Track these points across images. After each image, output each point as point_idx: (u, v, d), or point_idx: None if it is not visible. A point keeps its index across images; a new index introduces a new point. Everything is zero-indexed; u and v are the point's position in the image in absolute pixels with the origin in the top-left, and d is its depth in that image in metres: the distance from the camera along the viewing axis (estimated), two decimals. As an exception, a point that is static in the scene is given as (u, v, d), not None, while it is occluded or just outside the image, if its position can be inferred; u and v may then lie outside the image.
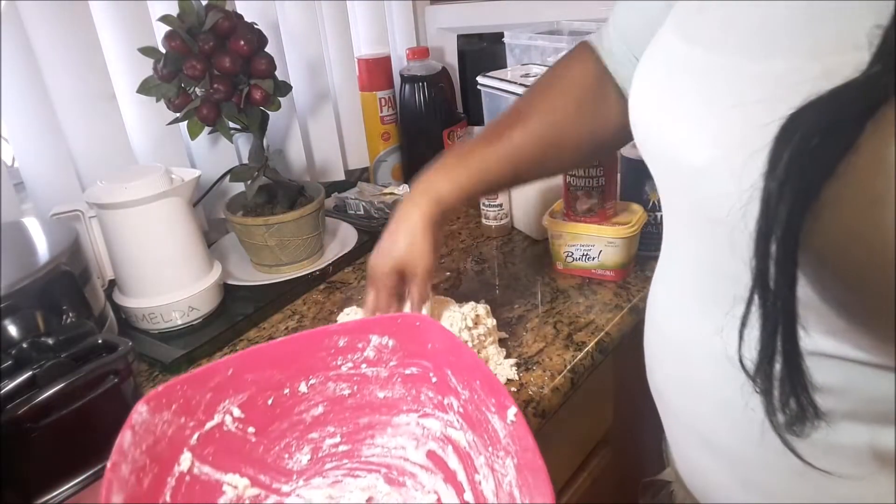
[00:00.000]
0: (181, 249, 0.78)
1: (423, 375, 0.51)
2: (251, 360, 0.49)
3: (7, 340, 0.54)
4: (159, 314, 0.77)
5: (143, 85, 0.79)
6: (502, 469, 0.43)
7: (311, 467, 0.52)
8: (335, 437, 0.52)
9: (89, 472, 0.53)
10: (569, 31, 1.15)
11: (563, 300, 0.81)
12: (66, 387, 0.51)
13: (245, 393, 0.49)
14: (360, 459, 0.52)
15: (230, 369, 0.48)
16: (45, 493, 0.52)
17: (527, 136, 0.62)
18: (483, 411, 0.45)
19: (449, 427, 0.50)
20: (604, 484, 0.89)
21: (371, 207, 1.06)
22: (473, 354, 0.48)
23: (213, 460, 0.47)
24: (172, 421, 0.46)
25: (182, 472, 0.45)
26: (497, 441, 0.44)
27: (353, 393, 0.52)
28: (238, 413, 0.49)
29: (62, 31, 0.81)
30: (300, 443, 0.52)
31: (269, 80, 0.82)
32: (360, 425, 0.53)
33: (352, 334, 0.51)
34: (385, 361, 0.52)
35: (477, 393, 0.46)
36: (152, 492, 0.43)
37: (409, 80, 1.18)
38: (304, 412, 0.52)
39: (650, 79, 0.45)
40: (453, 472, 0.49)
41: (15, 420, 0.49)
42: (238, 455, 0.49)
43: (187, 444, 0.46)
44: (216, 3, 0.79)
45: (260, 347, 0.50)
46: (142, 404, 0.44)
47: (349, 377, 0.52)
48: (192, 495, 0.46)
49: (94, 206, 0.75)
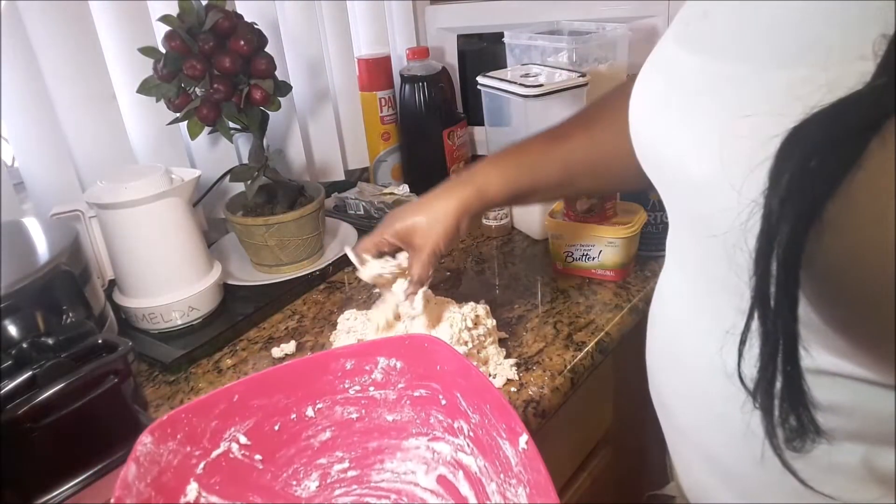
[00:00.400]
0: (181, 249, 0.78)
1: (433, 398, 0.50)
2: (256, 386, 0.49)
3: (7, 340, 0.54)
4: (159, 314, 0.77)
5: (143, 85, 0.79)
6: (514, 497, 0.42)
7: (320, 493, 0.51)
8: (344, 463, 0.51)
9: (89, 472, 0.53)
10: (569, 31, 1.15)
11: (563, 300, 0.81)
12: (66, 387, 0.51)
13: (251, 419, 0.48)
14: (370, 485, 0.51)
15: (235, 395, 0.47)
16: (45, 493, 0.52)
17: (586, 142, 0.60)
18: (494, 437, 0.44)
19: (459, 451, 0.49)
20: (604, 484, 0.89)
21: (371, 207, 1.06)
22: (483, 377, 0.46)
23: (220, 489, 0.47)
24: (178, 450, 0.45)
25: (188, 503, 0.45)
26: (509, 468, 0.42)
27: (362, 417, 0.51)
28: (244, 440, 0.48)
29: (62, 31, 0.80)
30: (308, 469, 0.51)
31: (269, 80, 0.82)
32: (369, 450, 0.52)
33: (359, 357, 0.50)
34: (393, 384, 0.51)
35: (487, 417, 0.45)
36: None
37: (409, 80, 1.18)
38: (312, 437, 0.51)
39: (652, 88, 0.44)
40: (464, 497, 0.48)
41: (15, 420, 0.49)
42: (245, 483, 0.48)
43: (193, 474, 0.45)
44: (216, 3, 0.79)
45: (266, 373, 0.49)
46: (146, 435, 0.43)
47: (357, 400, 0.51)
48: None
49: (94, 206, 0.75)
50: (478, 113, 1.16)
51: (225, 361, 0.74)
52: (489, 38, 1.26)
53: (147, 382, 0.72)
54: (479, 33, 1.28)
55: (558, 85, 0.92)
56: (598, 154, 0.60)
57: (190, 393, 0.69)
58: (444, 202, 0.61)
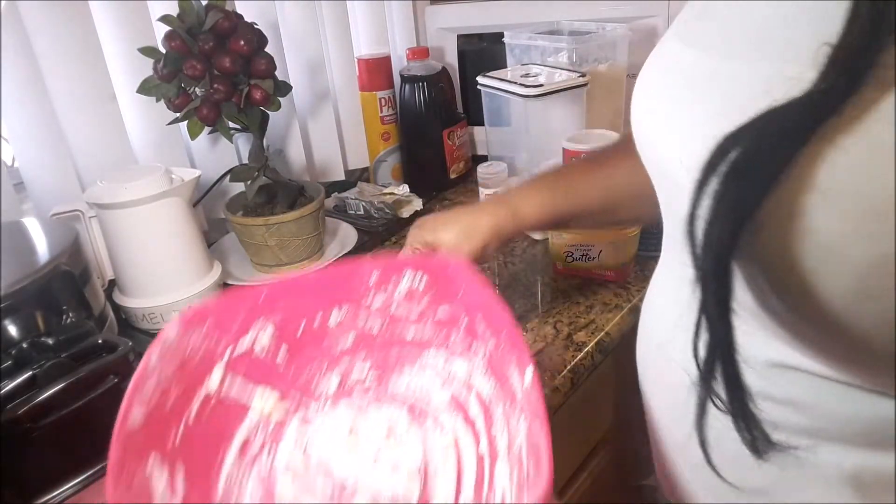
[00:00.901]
0: (181, 249, 0.78)
1: (453, 318, 0.50)
2: (283, 289, 0.50)
3: (7, 340, 0.54)
4: (159, 314, 0.77)
5: (143, 85, 0.79)
6: (516, 428, 0.42)
7: (338, 395, 0.52)
8: (363, 371, 0.52)
9: (89, 472, 0.53)
10: (569, 31, 1.15)
11: (563, 300, 0.81)
12: (66, 387, 0.51)
13: (276, 317, 0.49)
14: (386, 393, 0.52)
15: (263, 294, 0.49)
16: (45, 493, 0.51)
17: (628, 169, 0.55)
18: (505, 365, 0.44)
19: (474, 373, 0.49)
20: (604, 484, 0.89)
21: (371, 207, 1.06)
22: (503, 304, 0.46)
23: (244, 378, 0.48)
24: (205, 338, 0.46)
25: (209, 394, 0.45)
26: (514, 398, 0.43)
27: (383, 330, 0.52)
28: (268, 338, 0.49)
29: (62, 31, 0.80)
30: (328, 372, 0.52)
31: (269, 80, 0.82)
32: (389, 361, 0.52)
33: (385, 270, 0.51)
34: (417, 300, 0.51)
35: (502, 344, 0.45)
36: (175, 412, 0.43)
37: (409, 80, 1.18)
38: (334, 344, 0.52)
39: (650, 82, 0.43)
40: (473, 419, 0.48)
41: (15, 420, 0.49)
42: (267, 379, 0.49)
43: (218, 362, 0.46)
44: (216, 3, 0.78)
45: (295, 278, 0.51)
46: (173, 323, 0.44)
47: (380, 313, 0.52)
48: (215, 417, 0.45)
49: (94, 206, 0.75)
50: (478, 113, 1.16)
51: (225, 361, 0.74)
52: (489, 38, 1.26)
53: (147, 382, 0.72)
54: (479, 33, 1.28)
55: (558, 85, 0.92)
56: (640, 181, 0.55)
57: (190, 393, 0.69)
58: (476, 219, 0.58)
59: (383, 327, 0.52)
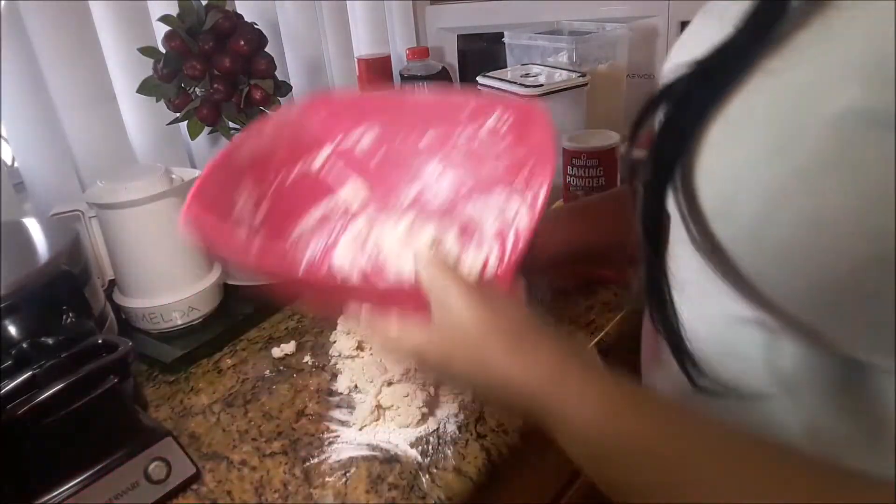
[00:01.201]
0: (181, 249, 0.78)
1: (522, 162, 0.53)
2: (392, 102, 0.57)
3: (7, 340, 0.54)
4: (159, 314, 0.77)
5: (143, 85, 0.79)
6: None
7: (411, 205, 0.58)
8: (437, 192, 0.58)
9: (89, 472, 0.53)
10: (569, 31, 1.15)
11: (563, 300, 0.81)
12: (66, 387, 0.51)
13: (381, 124, 0.55)
14: (450, 213, 0.57)
15: (374, 101, 0.56)
16: (45, 493, 0.51)
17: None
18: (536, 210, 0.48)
19: (520, 214, 0.53)
20: (604, 484, 0.89)
21: (371, 207, 1.06)
22: (555, 159, 0.50)
23: (345, 165, 0.54)
24: (321, 123, 0.52)
25: (311, 169, 0.53)
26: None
27: (463, 160, 0.57)
28: (370, 141, 0.55)
29: (62, 31, 0.80)
30: (409, 184, 0.58)
31: (269, 80, 0.82)
32: (461, 192, 0.57)
33: (479, 106, 0.55)
34: (498, 141, 0.55)
35: (539, 199, 0.48)
36: (277, 171, 0.50)
37: (409, 80, 1.18)
38: (420, 162, 0.57)
39: (694, 37, 0.42)
40: (504, 248, 0.52)
41: (15, 420, 0.49)
42: (361, 173, 0.56)
43: (327, 144, 0.53)
44: (216, 3, 0.79)
45: (403, 96, 0.58)
46: (293, 105, 0.51)
47: (463, 147, 0.56)
48: (307, 189, 0.53)
49: (94, 206, 0.75)
50: (478, 113, 1.16)
51: (225, 361, 0.74)
52: (489, 38, 1.26)
53: (147, 382, 0.72)
54: (479, 33, 1.28)
55: (558, 85, 0.92)
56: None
57: (190, 393, 0.69)
58: None
59: (465, 157, 0.57)
